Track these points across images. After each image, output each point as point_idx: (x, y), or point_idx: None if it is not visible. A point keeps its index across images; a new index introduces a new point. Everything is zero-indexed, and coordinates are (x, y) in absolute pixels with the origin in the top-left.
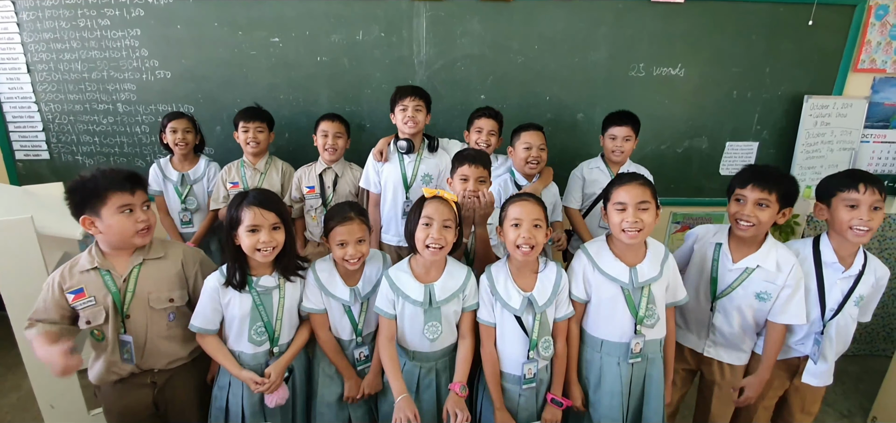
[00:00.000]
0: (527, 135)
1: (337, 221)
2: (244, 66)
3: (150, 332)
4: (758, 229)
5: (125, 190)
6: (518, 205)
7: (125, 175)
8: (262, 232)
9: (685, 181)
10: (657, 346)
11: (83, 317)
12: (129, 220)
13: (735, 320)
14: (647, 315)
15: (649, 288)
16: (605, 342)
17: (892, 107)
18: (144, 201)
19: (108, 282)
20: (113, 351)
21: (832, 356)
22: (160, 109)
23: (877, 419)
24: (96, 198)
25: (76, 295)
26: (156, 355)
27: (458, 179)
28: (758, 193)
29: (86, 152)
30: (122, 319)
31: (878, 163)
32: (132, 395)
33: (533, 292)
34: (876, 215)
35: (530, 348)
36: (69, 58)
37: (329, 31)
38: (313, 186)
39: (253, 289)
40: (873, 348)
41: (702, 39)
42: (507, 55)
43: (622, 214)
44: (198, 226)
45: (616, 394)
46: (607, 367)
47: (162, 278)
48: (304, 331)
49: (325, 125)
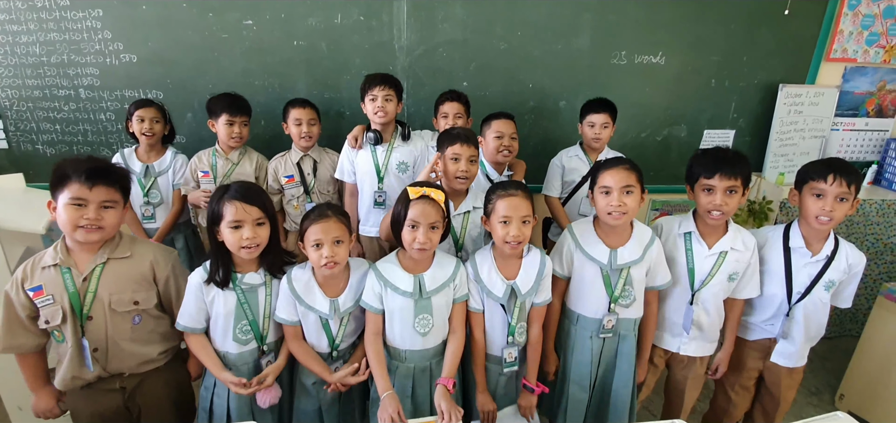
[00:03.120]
0: (498, 123)
1: (311, 220)
2: (216, 50)
3: (113, 335)
4: (728, 216)
5: (82, 182)
6: (506, 200)
7: (89, 167)
8: (246, 228)
9: (664, 169)
10: (631, 325)
11: (43, 316)
12: (75, 212)
13: (712, 308)
14: (622, 295)
15: (628, 270)
16: (581, 317)
17: (861, 96)
18: (106, 200)
19: (67, 281)
20: (74, 355)
21: (800, 338)
22: (126, 96)
23: (844, 396)
24: (59, 183)
25: (35, 292)
26: (121, 358)
27: (449, 159)
28: (727, 182)
29: (46, 141)
30: (80, 322)
31: (847, 150)
32: (100, 401)
33: (516, 281)
34: (840, 206)
35: (509, 333)
36: (26, 40)
37: (306, 14)
38: (292, 174)
39: (237, 286)
40: (842, 329)
41: (683, 27)
42: (491, 41)
43: (607, 197)
44: (160, 221)
45: (586, 364)
46: (580, 339)
47: (125, 279)
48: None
49: (298, 112)
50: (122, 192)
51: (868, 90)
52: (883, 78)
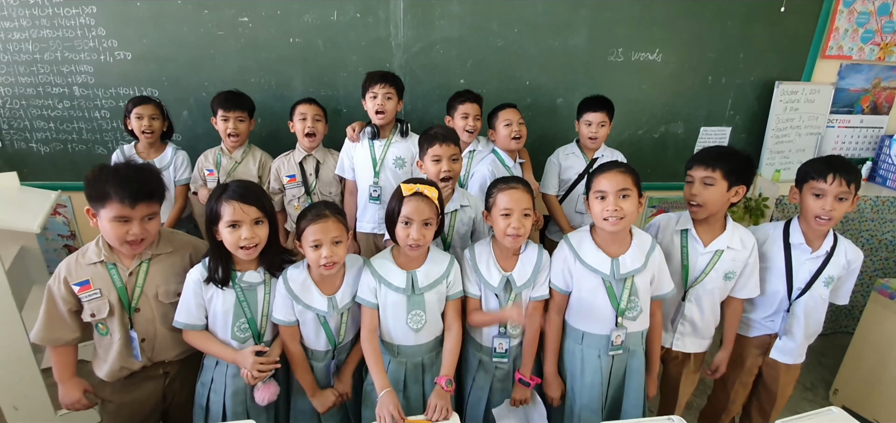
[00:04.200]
0: (505, 113)
1: (309, 220)
2: (211, 48)
3: (160, 326)
4: (706, 208)
5: (124, 202)
6: (507, 193)
7: (134, 188)
8: (244, 228)
9: (661, 166)
10: (639, 338)
11: (87, 310)
12: (121, 229)
13: (706, 306)
14: (628, 307)
15: (632, 280)
16: (587, 335)
17: (856, 93)
18: (148, 214)
19: (114, 276)
20: (122, 347)
21: (800, 334)
22: (121, 93)
23: (838, 391)
24: (99, 197)
25: (82, 287)
26: (167, 347)
27: (429, 160)
28: (702, 172)
29: (40, 139)
30: (129, 314)
31: (843, 147)
32: (142, 388)
33: (512, 273)
34: (840, 206)
35: (501, 324)
36: (19, 37)
37: (301, 11)
38: (294, 174)
39: (236, 285)
40: (837, 325)
41: (679, 24)
42: (487, 38)
43: (603, 202)
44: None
45: (596, 385)
46: (588, 359)
47: (171, 272)
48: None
49: (304, 108)
50: (160, 200)
51: (863, 87)
52: (878, 75)
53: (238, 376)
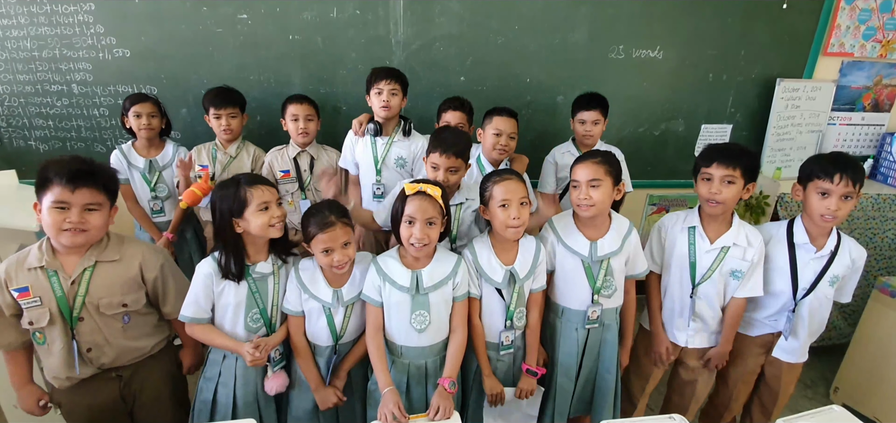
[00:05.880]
0: (498, 120)
1: (317, 228)
2: (210, 45)
3: (103, 336)
4: (726, 206)
5: (64, 184)
6: (503, 185)
7: (71, 170)
8: (272, 207)
9: (662, 163)
10: (613, 313)
11: (26, 317)
12: (58, 216)
13: (716, 302)
14: (604, 286)
15: (608, 261)
16: (566, 309)
17: (858, 90)
18: (89, 203)
19: (55, 284)
20: (65, 357)
21: (804, 334)
22: (120, 91)
23: (839, 389)
24: (42, 185)
25: (21, 293)
26: (115, 355)
27: (429, 164)
28: (723, 170)
29: (39, 137)
30: (71, 324)
31: (844, 145)
32: (99, 392)
33: (514, 265)
34: (845, 204)
35: (507, 317)
36: (17, 35)
37: (300, 8)
38: (288, 169)
39: (249, 276)
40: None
41: (680, 21)
42: (487, 35)
43: (576, 191)
44: (170, 213)
45: (572, 355)
46: (566, 331)
47: (115, 282)
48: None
49: (295, 108)
50: (107, 193)
51: (865, 84)
52: (879, 72)
53: (249, 367)
